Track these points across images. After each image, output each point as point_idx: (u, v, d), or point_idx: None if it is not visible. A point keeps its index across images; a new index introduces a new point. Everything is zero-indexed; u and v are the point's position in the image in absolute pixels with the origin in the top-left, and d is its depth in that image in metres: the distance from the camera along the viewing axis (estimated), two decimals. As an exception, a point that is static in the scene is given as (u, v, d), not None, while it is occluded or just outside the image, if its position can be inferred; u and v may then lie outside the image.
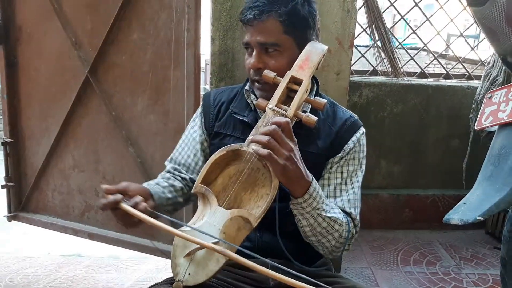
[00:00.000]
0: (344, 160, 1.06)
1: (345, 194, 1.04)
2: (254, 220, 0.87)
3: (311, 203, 0.92)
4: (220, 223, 0.87)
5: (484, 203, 1.20)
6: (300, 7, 0.98)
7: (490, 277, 2.05)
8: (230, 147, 0.93)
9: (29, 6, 2.01)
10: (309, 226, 0.95)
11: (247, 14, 0.98)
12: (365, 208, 2.52)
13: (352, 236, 1.02)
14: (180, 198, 1.11)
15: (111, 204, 0.86)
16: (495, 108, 1.37)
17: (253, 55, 1.01)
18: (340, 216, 0.98)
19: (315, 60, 0.97)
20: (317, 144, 1.05)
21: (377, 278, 2.02)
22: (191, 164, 1.15)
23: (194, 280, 0.84)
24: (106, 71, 1.93)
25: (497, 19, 1.29)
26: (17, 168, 2.23)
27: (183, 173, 1.14)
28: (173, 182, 1.11)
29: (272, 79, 0.95)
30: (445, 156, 2.60)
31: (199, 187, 0.91)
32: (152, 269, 2.31)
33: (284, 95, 0.96)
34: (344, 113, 1.11)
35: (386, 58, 2.45)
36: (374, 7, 2.30)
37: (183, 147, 1.18)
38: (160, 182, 1.10)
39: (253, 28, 0.99)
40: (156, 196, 1.02)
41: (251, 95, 1.11)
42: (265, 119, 0.93)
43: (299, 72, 0.95)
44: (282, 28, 0.98)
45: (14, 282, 2.11)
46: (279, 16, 0.96)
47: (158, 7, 1.76)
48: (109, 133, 1.99)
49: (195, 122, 1.19)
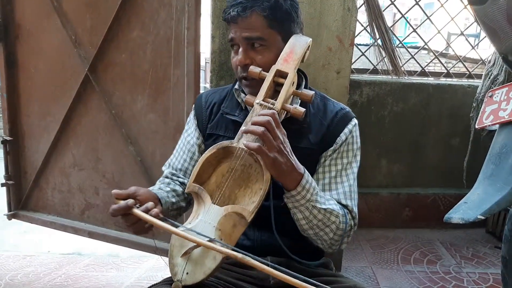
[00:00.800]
0: (337, 152, 1.05)
1: (340, 186, 1.03)
2: (248, 214, 0.86)
3: (305, 195, 0.92)
4: (214, 220, 0.86)
5: (485, 202, 1.20)
6: (283, 1, 0.99)
7: (490, 276, 2.05)
8: (220, 145, 0.93)
9: (28, 3, 2.01)
10: (305, 219, 0.95)
11: (230, 12, 0.99)
12: (365, 207, 2.54)
13: (351, 229, 1.01)
14: (183, 202, 1.11)
15: (122, 209, 0.84)
16: (496, 107, 1.37)
17: (239, 52, 1.01)
18: (336, 208, 0.97)
19: (299, 52, 0.98)
20: (309, 139, 1.05)
21: (378, 277, 2.01)
22: (188, 168, 1.14)
23: (192, 279, 0.84)
24: (106, 69, 1.92)
25: (497, 17, 1.29)
26: (17, 166, 2.23)
27: (181, 177, 1.14)
28: (174, 187, 1.11)
29: (258, 74, 0.96)
30: (446, 155, 2.60)
31: (192, 186, 0.91)
32: (152, 267, 2.31)
33: (271, 89, 0.96)
34: (335, 106, 1.11)
35: (387, 57, 2.44)
36: (374, 5, 2.29)
37: (179, 152, 1.17)
38: (162, 187, 1.09)
39: (237, 25, 0.99)
40: (163, 201, 1.01)
41: (241, 94, 1.10)
42: (253, 114, 0.92)
43: (284, 65, 0.96)
44: (266, 23, 0.98)
45: (14, 280, 2.11)
46: (263, 11, 0.97)
47: (158, 5, 1.76)
48: (109, 131, 1.99)
49: (189, 126, 1.19)
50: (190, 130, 1.17)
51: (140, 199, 0.89)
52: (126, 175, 2.02)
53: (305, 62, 1.68)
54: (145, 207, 0.85)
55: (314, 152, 1.05)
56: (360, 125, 1.11)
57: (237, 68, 1.03)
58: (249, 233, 1.07)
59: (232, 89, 1.14)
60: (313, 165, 1.05)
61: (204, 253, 0.85)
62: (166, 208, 1.02)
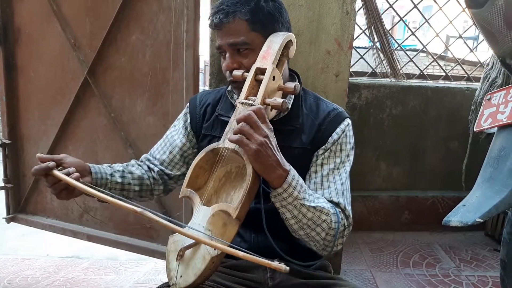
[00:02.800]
0: (329, 151, 1.05)
1: (332, 184, 1.02)
2: (232, 211, 0.85)
3: (292, 193, 0.90)
4: (203, 220, 0.87)
5: (484, 205, 1.20)
6: (264, 3, 1.00)
7: (489, 279, 2.05)
8: (208, 148, 0.94)
9: (28, 7, 2.01)
10: (294, 218, 0.93)
11: (213, 19, 1.01)
12: (364, 210, 2.54)
13: (344, 229, 0.99)
14: (135, 186, 1.13)
15: (42, 169, 0.91)
16: (494, 110, 1.37)
17: (226, 57, 1.03)
18: (326, 206, 0.95)
19: (276, 48, 0.98)
20: (301, 138, 1.05)
21: (377, 280, 2.01)
22: (165, 160, 1.18)
23: (185, 281, 0.84)
24: (105, 73, 1.93)
25: (495, 21, 1.29)
26: (16, 169, 2.23)
27: (153, 163, 1.18)
28: (132, 169, 1.15)
29: (241, 76, 0.98)
30: (445, 158, 2.60)
31: (185, 191, 0.92)
32: (151, 270, 2.31)
33: (255, 87, 0.97)
34: (328, 106, 1.11)
35: (385, 60, 2.45)
36: (373, 8, 2.30)
37: (161, 143, 1.21)
38: (115, 166, 1.13)
39: (222, 32, 1.01)
40: (97, 176, 1.05)
41: (234, 96, 1.12)
42: (236, 114, 0.94)
43: (262, 62, 0.97)
44: (248, 26, 0.99)
45: (13, 284, 2.10)
46: (244, 15, 0.98)
47: (157, 8, 1.76)
48: (108, 134, 1.99)
49: (178, 122, 1.22)
50: (177, 126, 1.21)
51: (66, 166, 0.95)
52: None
53: (304, 65, 1.68)
54: (66, 170, 0.92)
55: (307, 152, 1.05)
56: (359, 128, 1.12)
57: (226, 72, 1.05)
58: (245, 236, 1.07)
59: (226, 91, 1.15)
60: (306, 164, 1.05)
61: (193, 254, 0.85)
62: (100, 183, 1.05)
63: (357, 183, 1.07)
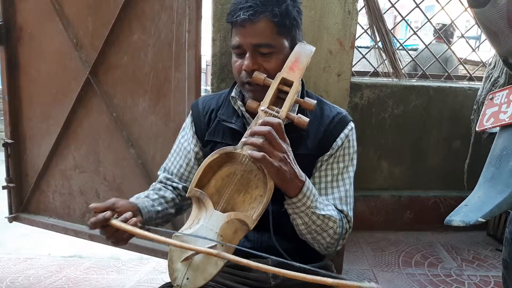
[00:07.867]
0: (334, 157, 1.05)
1: (336, 191, 1.04)
2: (251, 222, 0.86)
3: (305, 202, 0.93)
4: (216, 226, 0.86)
5: (486, 205, 1.20)
6: (292, 8, 0.98)
7: (491, 279, 2.05)
8: (223, 150, 0.93)
9: (30, 7, 2.01)
10: (304, 225, 0.96)
11: (240, 15, 0.95)
12: (366, 210, 2.54)
13: (346, 232, 1.03)
14: (171, 209, 1.11)
15: (100, 222, 0.85)
16: (496, 109, 1.37)
17: (246, 57, 0.98)
18: (334, 214, 0.98)
19: (304, 61, 0.97)
20: (306, 145, 1.05)
21: (379, 279, 2.01)
22: (184, 173, 1.14)
23: (192, 284, 0.84)
24: (107, 72, 1.93)
25: (498, 20, 1.29)
26: (18, 169, 2.23)
27: (175, 182, 1.14)
28: (164, 193, 1.11)
29: (262, 80, 0.95)
30: (447, 157, 2.60)
31: (194, 191, 0.91)
32: (153, 270, 2.31)
33: (275, 96, 0.96)
34: (332, 110, 1.10)
35: (387, 59, 2.44)
36: (375, 8, 2.30)
37: (175, 156, 1.17)
38: (150, 195, 1.09)
39: (245, 30, 0.96)
40: (145, 211, 1.01)
41: (237, 102, 1.09)
42: (258, 121, 0.92)
43: (289, 74, 0.95)
44: (275, 29, 0.96)
45: (15, 283, 2.11)
46: (273, 17, 0.95)
47: (159, 8, 1.76)
48: (110, 134, 1.99)
49: (185, 132, 1.17)
50: (187, 136, 1.16)
51: (119, 210, 0.90)
52: (127, 178, 2.02)
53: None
54: (123, 217, 0.86)
55: (311, 158, 1.06)
56: (361, 128, 1.12)
57: (241, 72, 1.01)
58: (249, 235, 1.06)
59: (229, 96, 1.12)
60: (310, 171, 1.06)
61: (206, 259, 0.84)
62: (148, 217, 1.01)
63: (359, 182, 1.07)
